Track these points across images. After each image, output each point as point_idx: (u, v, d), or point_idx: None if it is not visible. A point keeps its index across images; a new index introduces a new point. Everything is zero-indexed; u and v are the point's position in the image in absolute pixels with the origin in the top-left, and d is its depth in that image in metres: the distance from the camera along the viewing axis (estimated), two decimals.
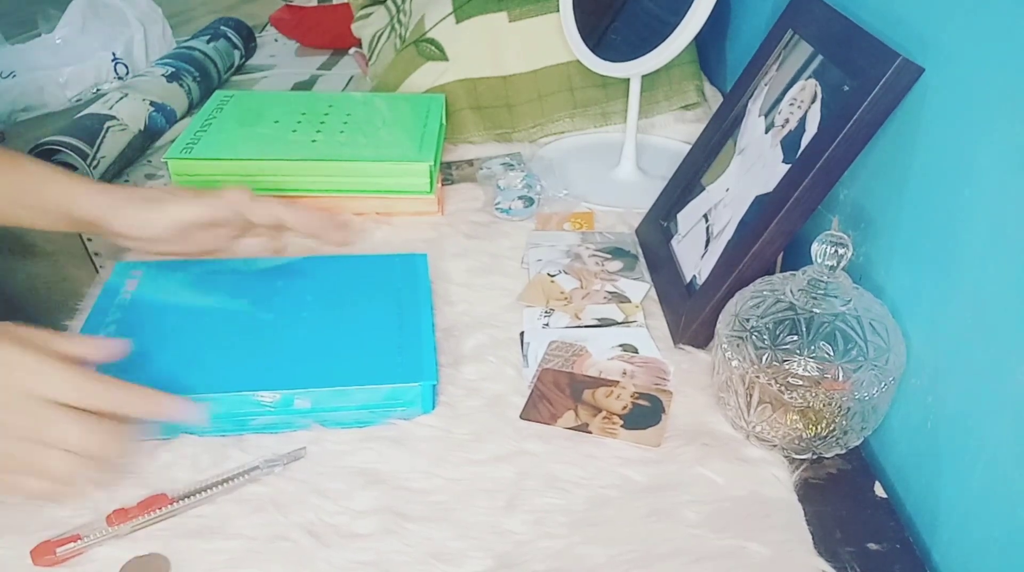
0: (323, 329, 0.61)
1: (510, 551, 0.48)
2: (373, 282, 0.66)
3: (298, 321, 0.61)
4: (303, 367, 0.57)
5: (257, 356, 0.58)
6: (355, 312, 0.63)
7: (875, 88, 0.52)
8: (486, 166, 0.90)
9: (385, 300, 0.64)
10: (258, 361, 0.57)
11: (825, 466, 0.54)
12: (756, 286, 0.56)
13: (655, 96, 0.98)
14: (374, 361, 0.58)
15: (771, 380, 0.51)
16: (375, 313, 0.63)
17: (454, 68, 0.97)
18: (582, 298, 0.70)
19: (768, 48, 0.71)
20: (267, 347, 0.59)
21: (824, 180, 0.56)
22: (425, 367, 0.57)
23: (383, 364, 0.57)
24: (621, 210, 0.84)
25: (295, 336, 0.60)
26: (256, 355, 0.58)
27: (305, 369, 0.57)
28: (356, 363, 0.57)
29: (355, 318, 0.62)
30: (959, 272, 0.48)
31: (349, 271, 0.68)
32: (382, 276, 0.67)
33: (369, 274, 0.68)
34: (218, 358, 0.57)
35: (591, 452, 0.55)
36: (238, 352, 0.58)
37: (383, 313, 0.63)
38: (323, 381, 0.56)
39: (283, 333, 0.60)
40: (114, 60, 1.28)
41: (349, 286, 0.66)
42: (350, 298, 0.64)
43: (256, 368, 0.56)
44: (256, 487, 0.52)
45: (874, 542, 0.49)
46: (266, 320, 0.62)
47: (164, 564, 0.47)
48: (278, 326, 0.61)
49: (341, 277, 0.67)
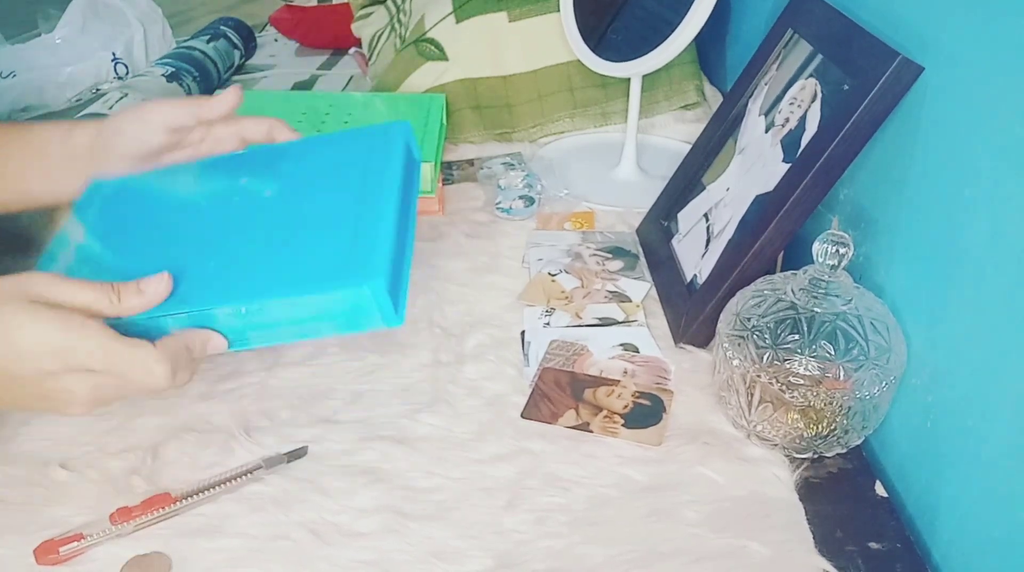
0: (273, 229, 0.54)
1: (511, 550, 0.48)
2: (338, 165, 0.58)
3: (253, 221, 0.55)
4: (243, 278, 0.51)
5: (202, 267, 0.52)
6: (310, 205, 0.55)
7: (875, 87, 0.52)
8: (487, 166, 0.90)
9: (343, 187, 0.56)
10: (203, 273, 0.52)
11: (826, 465, 0.54)
12: (757, 285, 0.56)
13: (655, 96, 0.98)
14: (314, 264, 0.50)
15: (772, 379, 0.51)
16: (328, 205, 0.54)
17: (454, 68, 0.97)
18: (583, 297, 0.70)
19: (768, 47, 0.71)
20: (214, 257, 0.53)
21: (824, 179, 0.57)
22: (369, 267, 0.49)
23: (323, 267, 0.50)
24: (621, 210, 0.84)
25: (244, 242, 0.54)
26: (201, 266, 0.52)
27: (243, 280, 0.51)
28: (295, 269, 0.50)
29: (308, 212, 0.54)
30: (959, 272, 0.48)
31: (318, 155, 0.60)
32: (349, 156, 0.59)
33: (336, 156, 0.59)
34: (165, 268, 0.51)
35: (592, 451, 0.55)
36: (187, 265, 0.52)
37: (337, 204, 0.54)
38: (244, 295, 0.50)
39: (233, 239, 0.54)
40: (114, 60, 1.28)
41: (313, 174, 0.58)
42: (309, 188, 0.57)
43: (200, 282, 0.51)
44: (257, 486, 0.52)
45: (875, 541, 0.49)
46: (215, 225, 0.56)
47: (165, 563, 0.47)
48: (230, 232, 0.55)
49: (308, 164, 0.59)
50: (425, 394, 0.60)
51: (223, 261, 0.53)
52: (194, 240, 0.55)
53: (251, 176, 0.60)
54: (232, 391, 0.60)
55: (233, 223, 0.56)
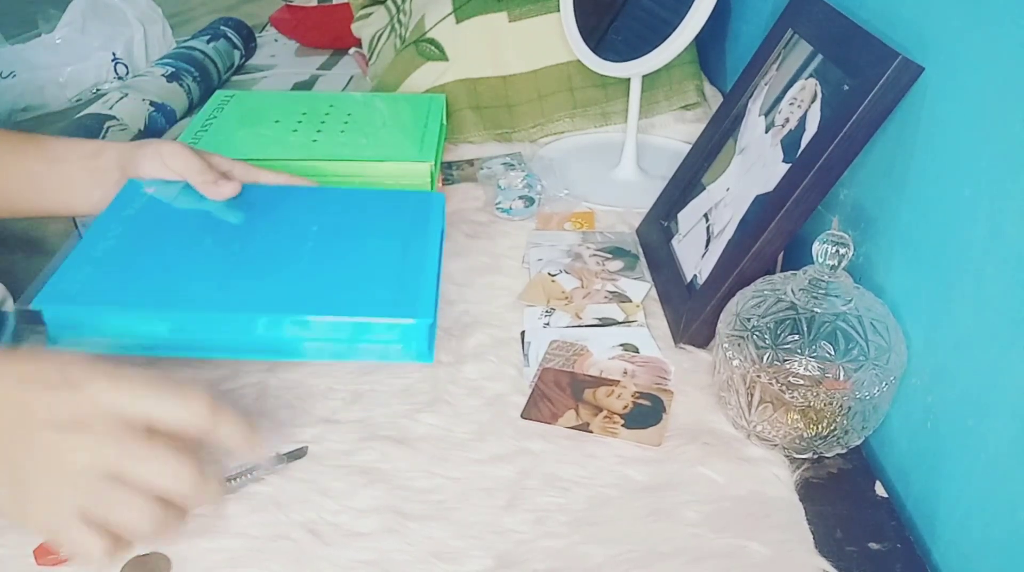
0: (322, 258, 0.59)
1: (511, 550, 0.48)
2: (381, 216, 0.65)
3: (300, 247, 0.60)
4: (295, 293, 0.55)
5: (251, 279, 0.56)
6: (358, 244, 0.61)
7: (875, 87, 0.52)
8: (487, 166, 0.90)
9: (390, 235, 0.62)
10: (252, 284, 0.56)
11: (826, 465, 0.54)
12: (757, 285, 0.56)
13: (655, 96, 0.98)
14: (368, 293, 0.56)
15: (772, 379, 0.51)
16: (378, 247, 0.61)
17: (454, 68, 0.97)
18: (583, 298, 0.70)
19: (768, 48, 0.71)
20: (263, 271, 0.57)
21: (824, 180, 0.57)
22: (419, 305, 0.55)
23: (376, 297, 0.55)
24: (621, 210, 0.84)
25: (293, 262, 0.58)
26: (251, 278, 0.57)
27: (297, 295, 0.55)
28: (349, 293, 0.55)
29: (356, 250, 0.60)
30: (959, 272, 0.48)
31: (361, 203, 0.66)
32: (392, 210, 0.66)
33: (380, 208, 0.66)
34: (215, 278, 0.56)
35: (592, 451, 0.55)
36: (236, 273, 0.57)
37: (386, 247, 0.60)
38: (313, 308, 0.54)
39: (282, 258, 0.59)
40: (114, 60, 1.28)
41: (356, 219, 0.64)
42: (355, 229, 0.63)
43: (249, 291, 0.55)
44: (257, 486, 0.52)
45: (875, 541, 0.49)
46: (266, 244, 0.60)
47: (165, 563, 0.47)
48: (278, 251, 0.60)
49: (350, 209, 0.65)
50: (425, 394, 0.60)
51: (275, 277, 0.57)
52: (242, 255, 0.59)
53: (297, 208, 0.65)
54: (232, 391, 0.60)
55: (281, 247, 0.60)
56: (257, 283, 0.56)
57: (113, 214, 0.62)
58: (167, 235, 0.60)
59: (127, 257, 0.57)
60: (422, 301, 0.55)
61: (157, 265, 0.57)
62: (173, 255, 0.58)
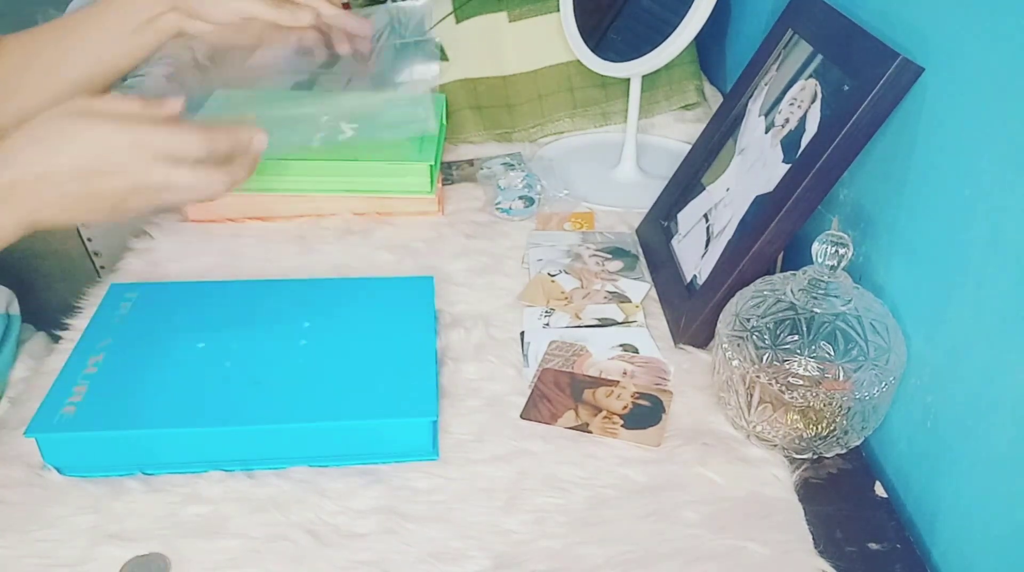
0: (317, 360, 0.57)
1: (510, 551, 0.48)
2: (373, 308, 0.63)
3: (294, 347, 0.58)
4: (295, 402, 0.54)
5: (246, 389, 0.55)
6: (353, 342, 0.59)
7: (875, 88, 0.52)
8: (486, 166, 0.90)
9: (385, 329, 0.61)
10: (247, 395, 0.54)
11: (825, 466, 0.54)
12: (756, 286, 0.56)
13: (655, 96, 0.98)
14: (369, 396, 0.54)
15: (772, 380, 0.51)
16: (374, 343, 0.59)
17: (454, 68, 0.97)
18: (582, 298, 0.70)
19: (768, 48, 0.71)
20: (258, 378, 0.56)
21: (824, 180, 0.56)
22: (424, 403, 0.54)
23: (378, 399, 0.54)
24: (621, 210, 0.84)
25: (289, 368, 0.57)
26: (245, 388, 0.55)
27: (297, 403, 0.54)
28: (349, 398, 0.54)
29: (353, 348, 0.59)
30: (959, 272, 0.48)
31: (350, 296, 0.65)
32: (383, 302, 0.64)
33: (370, 299, 0.64)
34: (211, 390, 0.55)
35: (591, 452, 0.55)
36: (231, 385, 0.55)
37: (381, 345, 0.59)
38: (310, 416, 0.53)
39: (277, 364, 0.57)
40: None
41: (349, 313, 0.62)
42: (348, 325, 0.61)
43: (245, 403, 0.54)
44: (257, 486, 0.52)
45: (875, 542, 0.49)
46: (259, 347, 0.59)
47: (164, 563, 0.47)
48: (272, 356, 0.58)
49: (342, 302, 0.64)
50: None
51: (272, 385, 0.55)
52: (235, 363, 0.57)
53: (287, 303, 0.64)
54: None
55: (275, 349, 0.58)
56: (252, 393, 0.54)
57: (99, 323, 0.60)
58: (155, 347, 0.58)
59: (116, 375, 0.55)
60: (426, 398, 0.54)
61: (148, 382, 0.55)
62: (162, 371, 0.56)
